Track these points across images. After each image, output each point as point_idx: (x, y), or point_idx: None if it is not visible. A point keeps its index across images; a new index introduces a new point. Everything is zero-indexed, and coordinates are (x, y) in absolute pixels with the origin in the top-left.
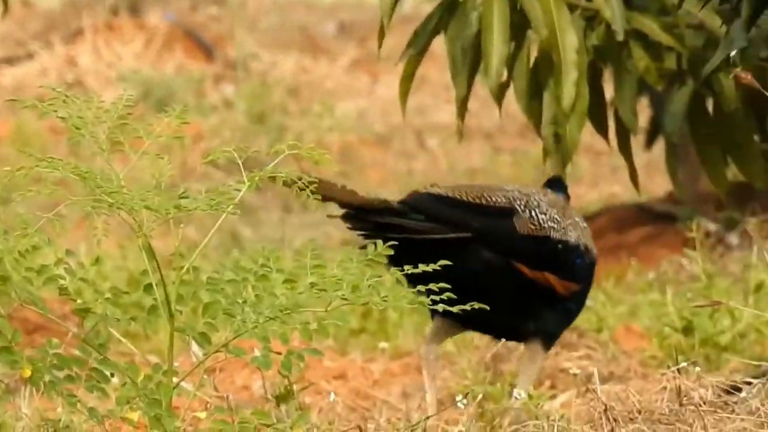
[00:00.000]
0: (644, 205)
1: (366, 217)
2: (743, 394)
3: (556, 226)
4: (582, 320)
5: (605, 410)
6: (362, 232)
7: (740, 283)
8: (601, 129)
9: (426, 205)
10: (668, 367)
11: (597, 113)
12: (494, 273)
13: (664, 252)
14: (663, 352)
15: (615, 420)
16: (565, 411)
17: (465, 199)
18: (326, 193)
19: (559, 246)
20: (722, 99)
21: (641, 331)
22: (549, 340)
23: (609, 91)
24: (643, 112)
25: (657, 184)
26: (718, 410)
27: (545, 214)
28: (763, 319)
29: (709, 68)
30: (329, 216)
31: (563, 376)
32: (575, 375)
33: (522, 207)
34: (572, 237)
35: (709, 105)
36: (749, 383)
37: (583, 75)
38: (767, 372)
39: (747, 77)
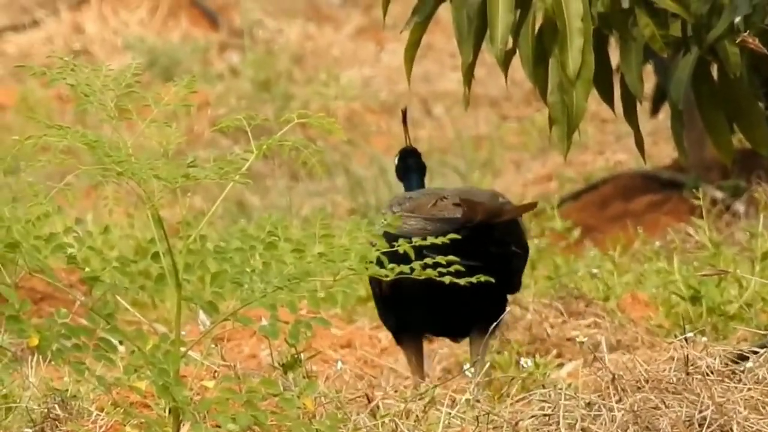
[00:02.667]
0: (650, 173)
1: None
2: (750, 364)
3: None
4: (589, 288)
5: (612, 379)
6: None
7: (747, 251)
8: (607, 96)
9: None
10: (675, 336)
11: (602, 80)
12: (496, 257)
13: (670, 220)
14: (670, 321)
15: (622, 389)
16: (572, 380)
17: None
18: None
19: (518, 228)
20: (727, 65)
21: (648, 299)
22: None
23: (614, 59)
24: (649, 80)
25: (662, 152)
26: (725, 379)
27: (502, 196)
28: None
29: (714, 35)
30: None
31: (570, 344)
32: (582, 344)
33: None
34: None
35: (714, 72)
36: (756, 352)
37: (589, 42)
38: None
39: (753, 42)
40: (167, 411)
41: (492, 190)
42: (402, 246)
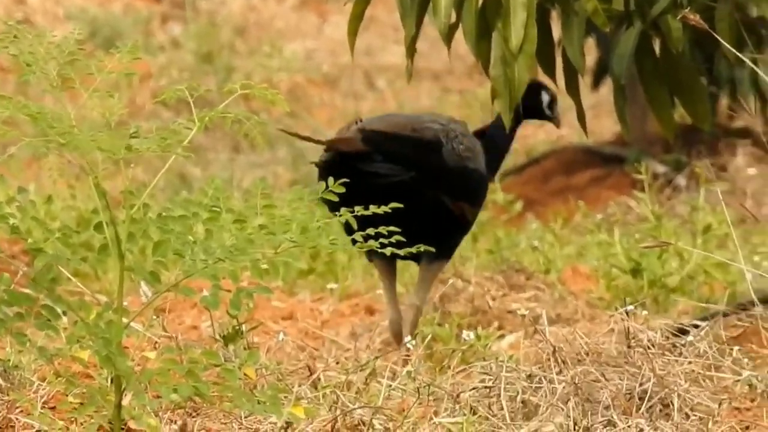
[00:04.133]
0: (592, 147)
1: (348, 163)
2: (691, 337)
3: (470, 155)
4: (530, 261)
5: (553, 352)
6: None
7: (688, 224)
8: (549, 70)
9: (383, 145)
10: (616, 309)
11: (545, 54)
12: (427, 208)
13: (612, 194)
14: (611, 294)
15: (563, 362)
16: (513, 352)
17: (408, 134)
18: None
19: (474, 175)
20: (669, 40)
21: (589, 272)
22: (449, 257)
23: (557, 33)
24: (591, 53)
25: (604, 127)
26: (666, 353)
27: (462, 144)
28: (711, 261)
29: (657, 9)
30: (312, 163)
31: (511, 317)
32: (523, 316)
33: (445, 139)
34: (481, 166)
35: (657, 46)
36: (697, 326)
37: (532, 16)
38: (715, 314)
39: (695, 18)
40: (109, 381)
41: (448, 118)
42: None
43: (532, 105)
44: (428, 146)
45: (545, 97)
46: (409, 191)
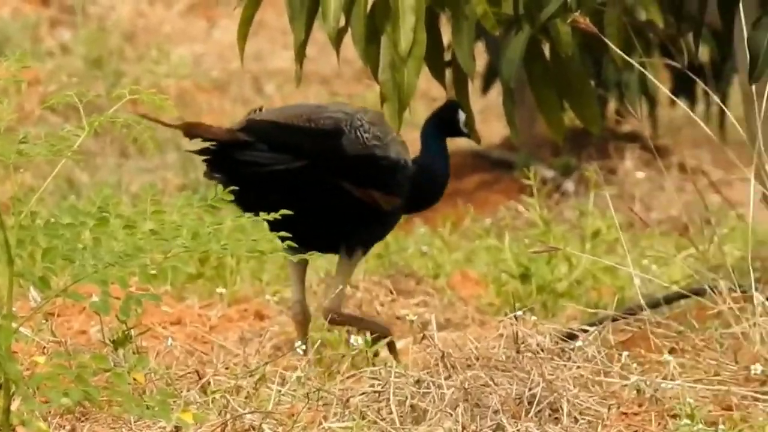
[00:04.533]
0: (481, 151)
1: (226, 153)
2: (579, 342)
3: (379, 143)
4: (419, 266)
5: (442, 357)
6: (218, 169)
7: (576, 229)
8: (438, 74)
9: (268, 135)
10: (505, 314)
11: (434, 58)
12: (327, 196)
13: (501, 198)
14: (500, 299)
15: (452, 366)
16: (402, 358)
17: (299, 124)
18: (192, 131)
19: (383, 162)
20: (559, 44)
21: (478, 277)
22: (368, 247)
23: (446, 37)
24: (480, 58)
25: (493, 131)
26: (555, 357)
27: (369, 133)
28: (600, 266)
29: (546, 14)
30: (188, 151)
31: (400, 323)
32: (412, 322)
33: (348, 127)
34: (393, 153)
35: (546, 50)
36: (586, 330)
37: (421, 20)
38: (604, 319)
39: (584, 22)
40: None
41: (358, 108)
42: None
43: (449, 123)
44: (324, 135)
45: (461, 116)
46: (302, 180)
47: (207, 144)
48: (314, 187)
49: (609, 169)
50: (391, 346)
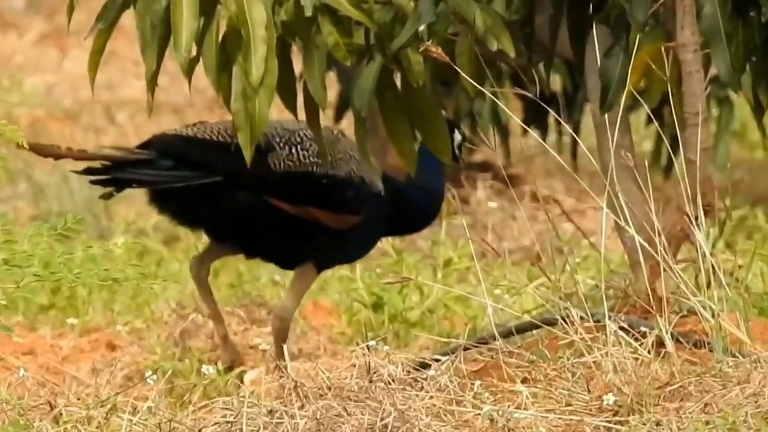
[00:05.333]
0: None
1: (109, 172)
2: (432, 371)
3: (320, 161)
4: (271, 295)
5: (295, 387)
6: (107, 186)
7: (429, 258)
8: (290, 104)
9: (173, 150)
10: (357, 344)
11: (286, 88)
12: (250, 212)
13: None
14: (352, 329)
15: (305, 396)
16: (255, 387)
17: (215, 139)
18: (52, 153)
19: (324, 180)
20: (410, 74)
21: (330, 307)
22: (322, 265)
23: (298, 66)
24: (332, 87)
25: None
26: (408, 387)
27: (308, 150)
28: (452, 295)
29: (398, 43)
30: (73, 171)
31: (253, 352)
32: (265, 351)
33: (280, 144)
34: (342, 170)
35: (398, 80)
36: (438, 360)
37: (272, 50)
38: (456, 349)
39: (436, 51)
40: None
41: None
42: None
43: None
44: (238, 151)
45: (457, 136)
46: (218, 196)
47: (94, 164)
48: (234, 203)
49: (461, 198)
50: None
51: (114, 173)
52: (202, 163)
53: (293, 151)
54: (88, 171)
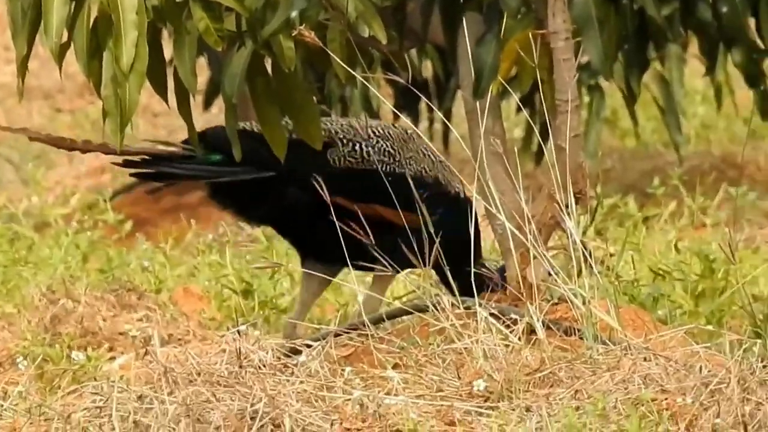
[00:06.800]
0: None
1: (152, 166)
2: (303, 357)
3: (386, 158)
4: (141, 281)
5: (165, 372)
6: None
7: None
8: (161, 89)
9: (224, 143)
10: (228, 329)
11: (156, 73)
12: (306, 208)
13: (224, 214)
14: (222, 314)
15: (174, 382)
16: (124, 373)
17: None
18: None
19: (389, 178)
20: (282, 60)
21: (200, 292)
22: (399, 266)
23: (169, 52)
24: (203, 73)
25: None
26: (278, 373)
27: (373, 147)
28: None
29: (269, 29)
30: (114, 163)
31: (122, 338)
32: (134, 337)
33: (343, 140)
34: (411, 169)
35: (269, 66)
36: (309, 346)
37: (143, 35)
38: (327, 335)
39: (309, 35)
40: None
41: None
42: None
43: None
44: (298, 146)
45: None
46: (273, 191)
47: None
48: (287, 199)
49: None
50: None
51: (158, 167)
52: (254, 158)
53: (356, 147)
54: (127, 164)
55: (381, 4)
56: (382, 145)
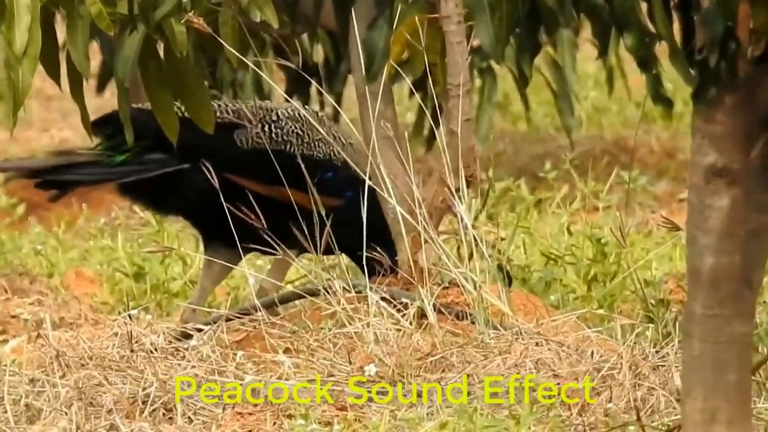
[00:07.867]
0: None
1: (54, 175)
2: (194, 341)
3: (295, 140)
4: (33, 265)
5: (56, 356)
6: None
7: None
8: (54, 73)
9: (148, 127)
10: (119, 313)
11: (50, 57)
12: (212, 192)
13: (115, 198)
14: (114, 298)
15: (66, 366)
16: (16, 356)
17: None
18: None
19: (297, 160)
20: (173, 44)
21: (92, 276)
22: (303, 249)
23: (62, 35)
24: (96, 57)
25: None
26: (169, 357)
27: (282, 129)
28: None
29: (161, 13)
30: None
31: (14, 321)
32: (26, 320)
33: (252, 121)
34: (320, 152)
35: (161, 50)
36: (200, 330)
37: (36, 19)
38: (218, 319)
39: (198, 22)
40: None
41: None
42: None
43: None
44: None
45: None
46: (179, 179)
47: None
48: (194, 183)
49: None
50: None
51: (55, 177)
52: (161, 141)
53: (266, 128)
54: (31, 175)
55: None
56: (291, 127)
